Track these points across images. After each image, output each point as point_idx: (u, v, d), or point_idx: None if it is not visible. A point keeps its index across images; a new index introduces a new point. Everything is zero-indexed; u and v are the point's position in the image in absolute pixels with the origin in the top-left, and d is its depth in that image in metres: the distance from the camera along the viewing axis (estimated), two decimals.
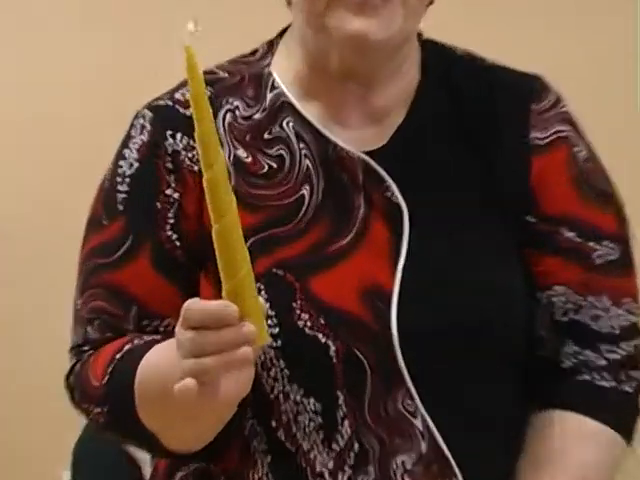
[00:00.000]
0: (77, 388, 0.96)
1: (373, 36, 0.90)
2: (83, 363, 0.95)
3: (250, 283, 0.78)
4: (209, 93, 0.90)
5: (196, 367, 0.76)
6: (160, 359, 0.87)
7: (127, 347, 0.92)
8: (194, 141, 0.83)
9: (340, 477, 0.90)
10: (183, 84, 0.97)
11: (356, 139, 0.97)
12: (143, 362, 0.89)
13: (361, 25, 0.90)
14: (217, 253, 0.78)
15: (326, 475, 0.90)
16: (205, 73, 0.87)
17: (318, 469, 0.91)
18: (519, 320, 0.94)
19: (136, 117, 0.98)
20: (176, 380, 0.77)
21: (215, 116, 0.89)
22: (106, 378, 0.92)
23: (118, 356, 0.92)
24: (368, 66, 0.95)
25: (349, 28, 0.90)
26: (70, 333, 1.00)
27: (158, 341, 0.90)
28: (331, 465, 0.90)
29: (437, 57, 1.01)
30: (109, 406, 0.92)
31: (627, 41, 2.48)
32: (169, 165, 0.96)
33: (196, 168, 0.94)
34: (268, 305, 0.88)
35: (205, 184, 0.78)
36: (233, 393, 0.79)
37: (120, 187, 0.96)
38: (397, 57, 0.96)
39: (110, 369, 0.91)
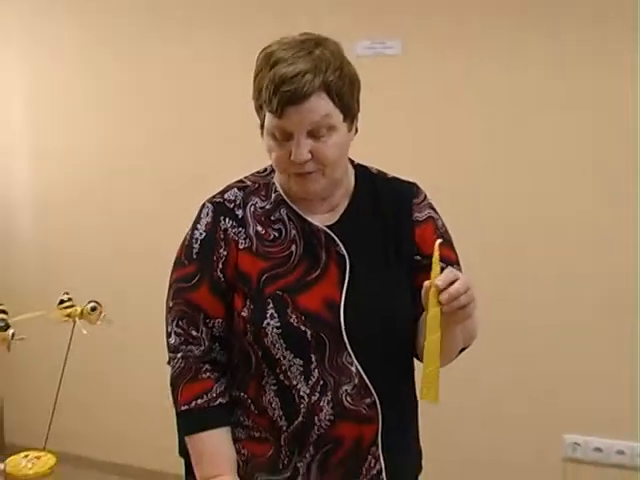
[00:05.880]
0: (173, 391, 1.63)
1: (310, 191, 1.56)
2: (181, 371, 1.61)
3: (437, 370, 1.43)
4: (241, 195, 1.62)
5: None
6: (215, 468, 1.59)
7: (212, 403, 1.59)
8: (236, 223, 1.58)
9: (313, 397, 1.54)
10: (230, 187, 1.65)
11: (321, 219, 1.60)
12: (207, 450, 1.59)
13: (300, 188, 1.56)
14: (425, 353, 1.44)
15: (305, 397, 1.54)
16: (239, 182, 1.66)
17: (301, 394, 1.55)
18: (409, 317, 1.58)
19: (203, 206, 1.64)
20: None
21: (245, 206, 1.62)
22: (184, 407, 1.59)
23: (200, 402, 1.59)
24: (316, 196, 1.59)
25: (295, 190, 1.58)
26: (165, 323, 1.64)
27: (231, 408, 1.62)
28: (308, 391, 1.55)
29: (362, 172, 1.68)
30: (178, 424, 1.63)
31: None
32: (221, 235, 1.60)
33: (236, 239, 1.59)
34: (274, 311, 1.53)
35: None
36: None
37: (194, 245, 1.61)
38: (338, 182, 1.59)
39: (192, 406, 1.59)
